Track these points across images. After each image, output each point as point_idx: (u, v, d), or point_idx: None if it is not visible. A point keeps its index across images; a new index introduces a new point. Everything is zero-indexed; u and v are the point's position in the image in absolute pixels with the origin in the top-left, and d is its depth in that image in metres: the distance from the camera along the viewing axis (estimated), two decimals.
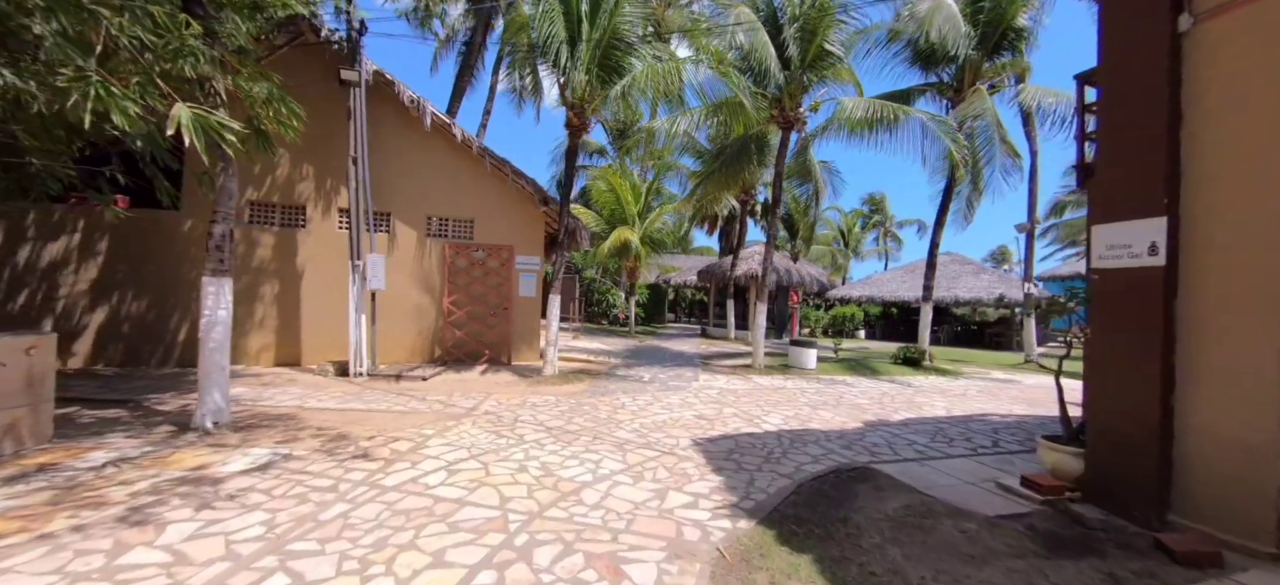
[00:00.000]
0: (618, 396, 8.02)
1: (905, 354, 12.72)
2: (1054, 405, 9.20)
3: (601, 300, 23.51)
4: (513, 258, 10.83)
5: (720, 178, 12.50)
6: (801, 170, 13.06)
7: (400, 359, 10.07)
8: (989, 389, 10.55)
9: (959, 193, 13.58)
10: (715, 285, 21.58)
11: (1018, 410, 8.52)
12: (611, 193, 18.55)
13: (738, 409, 7.55)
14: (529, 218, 10.99)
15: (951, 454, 5.75)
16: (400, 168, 10.17)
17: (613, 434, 5.90)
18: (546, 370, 9.28)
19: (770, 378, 10.50)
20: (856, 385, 10.20)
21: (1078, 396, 4.86)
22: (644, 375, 10.16)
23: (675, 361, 12.43)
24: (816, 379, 10.65)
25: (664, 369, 11.12)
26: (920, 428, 6.91)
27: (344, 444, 5.07)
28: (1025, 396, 9.91)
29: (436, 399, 7.30)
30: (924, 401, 8.86)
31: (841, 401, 8.50)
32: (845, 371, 11.79)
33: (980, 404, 8.90)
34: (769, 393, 8.95)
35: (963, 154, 10.64)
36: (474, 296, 10.58)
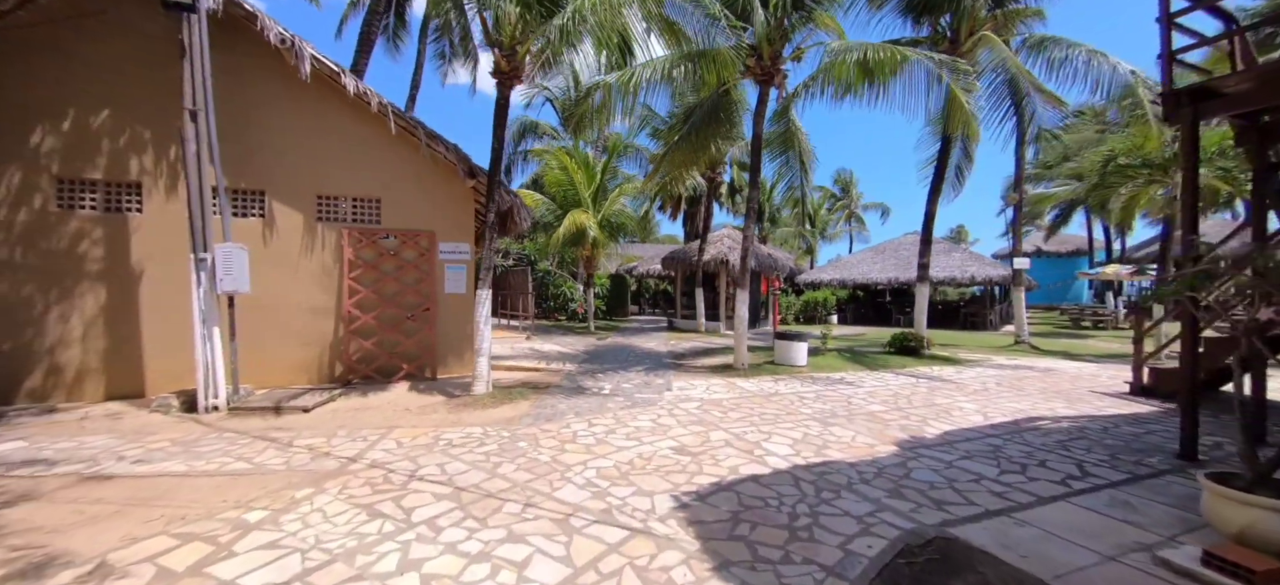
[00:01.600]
0: (568, 422, 6.01)
1: (902, 341, 11.22)
2: (1099, 399, 7.87)
3: (557, 294, 21.33)
4: (434, 246, 8.62)
5: (687, 147, 10.61)
6: (782, 139, 11.29)
7: (285, 381, 7.74)
8: (1005, 380, 9.09)
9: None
10: (681, 273, 19.78)
11: (1059, 408, 7.00)
12: (563, 174, 16.38)
13: (728, 431, 5.68)
14: (454, 196, 8.78)
15: (1041, 494, 4.03)
16: (278, 132, 7.79)
17: (554, 495, 3.91)
18: (477, 387, 7.17)
19: (758, 380, 8.70)
20: (859, 383, 8.54)
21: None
22: (604, 385, 8.18)
23: (642, 363, 10.50)
24: (811, 378, 8.94)
25: (629, 374, 9.17)
26: (970, 448, 5.21)
27: (48, 576, 2.88)
28: (1051, 387, 8.48)
29: (308, 443, 5.11)
30: (947, 403, 7.24)
31: (853, 410, 6.76)
32: (840, 365, 10.15)
33: (1011, 402, 7.36)
34: (761, 402, 7.14)
35: (990, 102, 9.08)
36: (385, 296, 8.32)
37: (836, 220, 39.79)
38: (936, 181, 11.48)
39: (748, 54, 9.36)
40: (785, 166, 11.82)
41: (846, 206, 40.02)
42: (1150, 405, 7.21)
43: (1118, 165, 13.35)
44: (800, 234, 33.65)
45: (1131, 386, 7.98)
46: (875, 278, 24.74)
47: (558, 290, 21.24)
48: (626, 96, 9.25)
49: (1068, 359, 12.07)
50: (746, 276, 9.56)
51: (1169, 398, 7.54)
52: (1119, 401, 7.47)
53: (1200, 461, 4.88)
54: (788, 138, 11.24)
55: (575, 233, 15.84)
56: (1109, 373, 9.94)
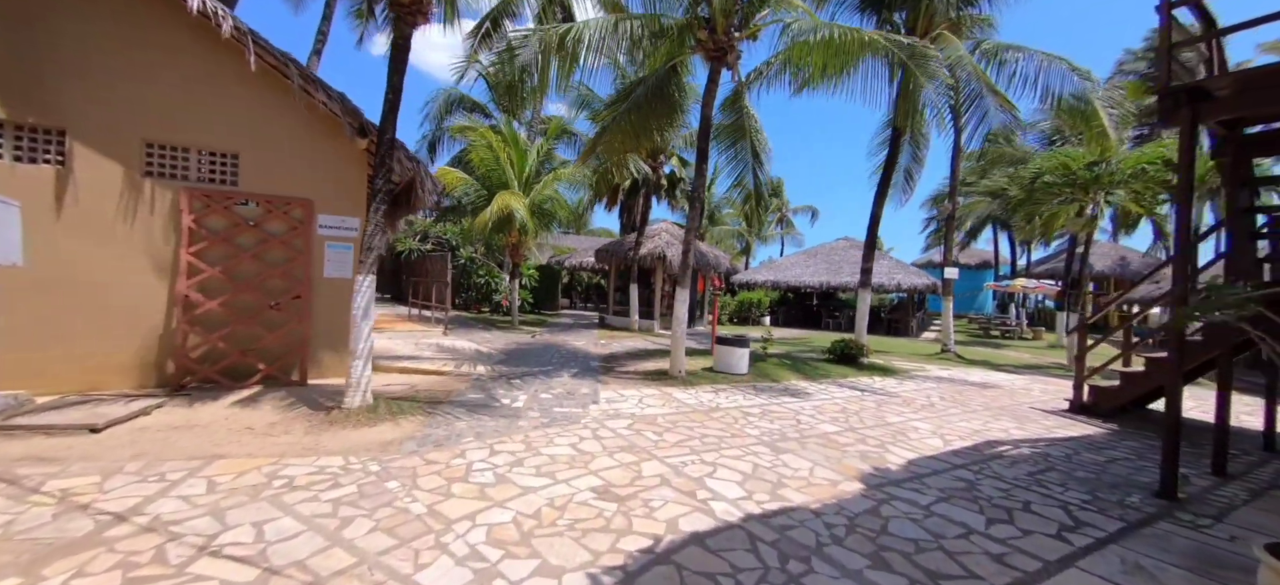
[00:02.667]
0: (464, 448, 4.73)
1: (842, 348, 10.75)
2: (1044, 418, 7.27)
3: (480, 284, 19.56)
4: (312, 218, 6.98)
5: (627, 126, 9.49)
6: (732, 129, 10.43)
7: (93, 384, 5.85)
8: (947, 394, 8.73)
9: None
10: (615, 267, 18.70)
11: (1011, 429, 6.56)
12: (491, 153, 14.73)
13: (665, 462, 4.64)
14: (341, 158, 7.16)
15: (1043, 555, 3.29)
16: (88, 50, 5.87)
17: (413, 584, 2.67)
18: (350, 399, 5.67)
19: (697, 391, 7.76)
20: (805, 395, 7.80)
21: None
22: (519, 395, 6.91)
23: (567, 367, 9.30)
24: (754, 389, 8.11)
25: (551, 380, 7.94)
26: (942, 484, 4.48)
27: None
28: (993, 403, 8.16)
29: (65, 485, 3.52)
30: (900, 422, 6.62)
31: (804, 431, 5.94)
32: (782, 373, 9.44)
33: (962, 421, 6.87)
34: (702, 419, 6.17)
35: (942, 98, 8.59)
36: (241, 278, 6.59)
37: (769, 223, 40.21)
38: (883, 184, 11.10)
39: (700, 26, 8.39)
40: (734, 159, 10.97)
41: (778, 210, 40.59)
42: (1095, 426, 6.96)
43: (1044, 183, 13.69)
44: (739, 234, 33.57)
45: (1071, 404, 7.78)
46: (807, 281, 24.85)
47: (481, 280, 19.47)
48: (564, 61, 8.01)
49: (993, 370, 12.16)
50: (687, 274, 8.61)
51: (1108, 416, 7.37)
52: (1063, 421, 7.18)
53: (1179, 500, 4.42)
54: (739, 128, 10.39)
55: (502, 217, 14.27)
56: (1039, 387, 9.91)
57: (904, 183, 13.38)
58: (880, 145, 13.03)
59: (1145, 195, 13.02)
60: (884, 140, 12.90)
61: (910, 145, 12.62)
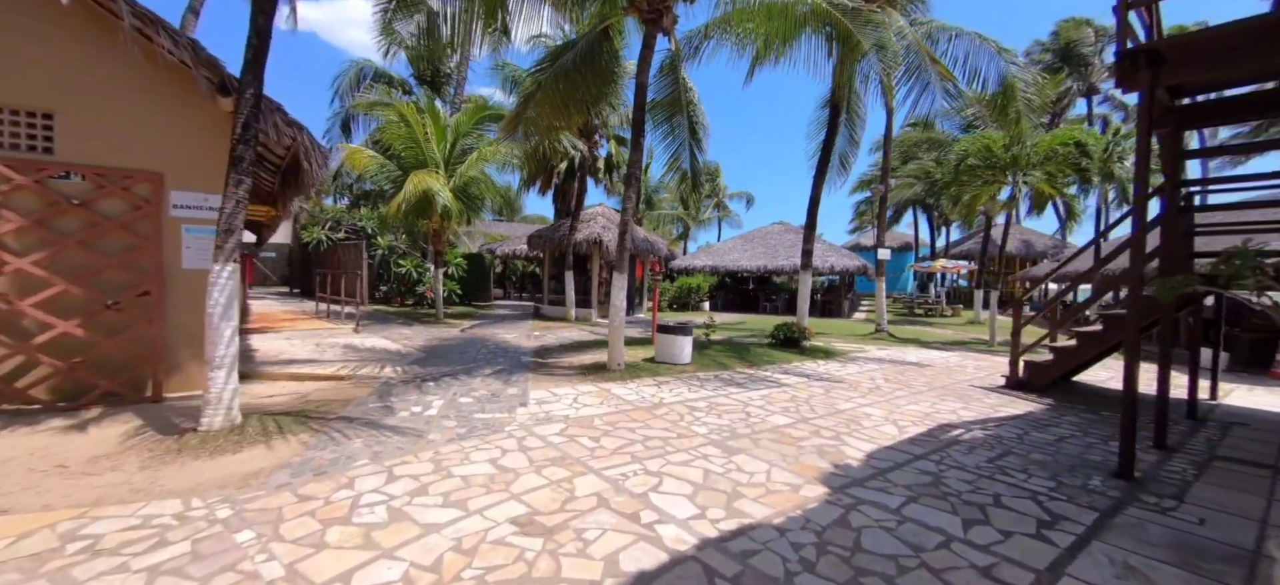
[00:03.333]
0: (353, 474, 3.83)
1: (785, 333, 10.50)
2: (985, 396, 7.08)
3: (402, 275, 17.95)
4: (162, 196, 5.68)
5: (555, 95, 8.61)
6: (669, 103, 9.79)
7: None
8: (890, 376, 8.62)
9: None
10: (550, 254, 17.74)
11: (959, 411, 6.42)
12: (406, 128, 13.27)
13: (602, 476, 3.96)
14: (200, 122, 5.86)
15: (1031, 562, 2.91)
16: None
17: None
18: (210, 418, 4.56)
19: (638, 384, 7.13)
20: (753, 386, 7.37)
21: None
22: (433, 401, 5.98)
23: (495, 363, 8.40)
24: (698, 380, 7.59)
25: (472, 382, 7.04)
26: (907, 481, 4.09)
27: None
28: (935, 382, 8.11)
29: None
30: (851, 409, 6.30)
31: (755, 425, 5.45)
32: (726, 360, 9.00)
33: (910, 404, 6.66)
34: (645, 418, 5.54)
35: (880, 70, 8.32)
36: (66, 270, 5.22)
37: (707, 208, 40.34)
38: (822, 164, 10.90)
39: None
40: (670, 136, 10.37)
41: (714, 195, 40.81)
42: (1033, 401, 6.98)
43: (968, 165, 14.12)
44: (677, 218, 33.30)
45: (1008, 380, 7.84)
46: (745, 265, 24.95)
47: (402, 270, 17.87)
48: (486, 10, 7.04)
49: (925, 348, 12.42)
50: (624, 258, 7.93)
51: (1042, 391, 7.45)
52: (1003, 398, 7.17)
53: (1136, 479, 4.27)
54: (675, 101, 9.79)
55: (421, 199, 12.93)
56: (972, 364, 10.10)
57: (840, 166, 13.34)
58: (818, 128, 12.89)
59: (1057, 177, 13.72)
60: (822, 123, 12.76)
61: (846, 128, 12.53)
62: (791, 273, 23.74)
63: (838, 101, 10.59)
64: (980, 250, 22.74)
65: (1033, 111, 9.51)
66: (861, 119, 12.78)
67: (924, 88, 8.46)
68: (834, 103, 10.71)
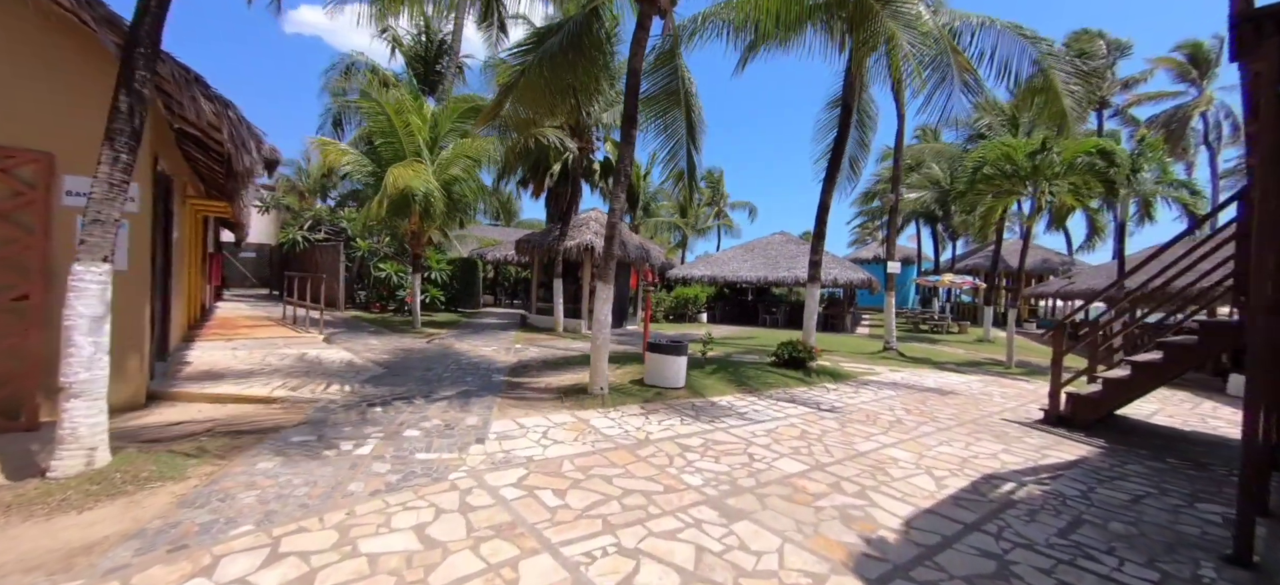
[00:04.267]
0: (218, 552, 2.81)
1: (790, 352, 9.49)
2: (1024, 434, 5.88)
3: (384, 280, 16.93)
4: (52, 181, 4.70)
5: (540, 82, 7.69)
6: (665, 93, 8.86)
7: None
8: (909, 404, 7.62)
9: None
10: (539, 260, 16.75)
11: (999, 453, 5.42)
12: (384, 118, 12.29)
13: (558, 557, 2.95)
14: (101, 96, 4.86)
15: None
16: None
17: None
18: (62, 462, 3.54)
19: (621, 414, 6.11)
20: (755, 416, 6.36)
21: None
22: (370, 434, 4.97)
23: (461, 382, 7.40)
24: (693, 408, 6.58)
25: (429, 405, 6.03)
26: (963, 563, 3.09)
27: None
28: (962, 415, 7.10)
29: None
30: (873, 450, 5.30)
31: (761, 476, 4.44)
32: (724, 386, 7.98)
33: (941, 444, 5.66)
34: (626, 462, 4.54)
35: (917, 53, 7.35)
36: None
37: (707, 216, 39.49)
38: (832, 167, 9.94)
39: None
40: (666, 131, 9.42)
41: (715, 203, 39.93)
42: (1082, 442, 5.98)
43: (985, 174, 13.21)
44: (674, 225, 32.38)
45: (1047, 414, 6.85)
46: (744, 276, 23.99)
47: (383, 274, 16.85)
48: None
49: (939, 370, 11.43)
50: (611, 266, 6.95)
51: (1090, 428, 6.46)
52: (1046, 437, 6.17)
53: (1255, 565, 3.28)
54: (673, 93, 8.85)
55: (400, 197, 11.96)
56: (997, 390, 9.10)
57: (850, 170, 12.42)
58: (825, 128, 11.98)
59: (1083, 188, 12.81)
60: (830, 123, 11.85)
61: (856, 129, 11.62)
62: (793, 284, 22.79)
63: (849, 98, 9.65)
64: (990, 265, 21.87)
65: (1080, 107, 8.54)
66: (871, 120, 11.89)
67: (942, 79, 7.50)
68: (845, 100, 9.78)
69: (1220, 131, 28.94)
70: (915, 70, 7.22)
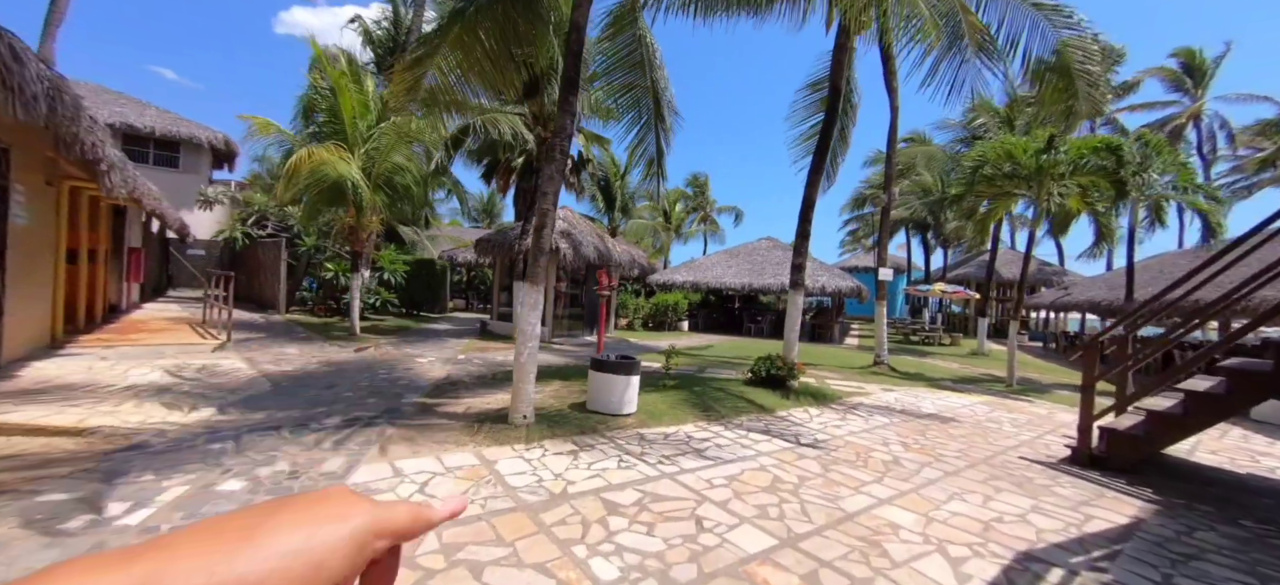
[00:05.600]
0: None
1: (768, 369, 8.18)
2: (1053, 480, 4.10)
3: (331, 281, 15.42)
4: None
5: (474, 43, 6.37)
6: (626, 60, 7.58)
7: None
8: (907, 435, 6.34)
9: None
10: (501, 262, 15.37)
11: (1027, 512, 4.13)
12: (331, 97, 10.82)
13: None
14: None
15: None
16: None
17: None
18: None
19: (540, 454, 4.75)
20: (717, 457, 5.01)
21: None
22: (172, 484, 3.57)
23: (359, 404, 6.01)
24: (639, 443, 5.24)
25: (287, 445, 4.64)
26: None
27: None
28: (972, 453, 5.82)
29: None
30: (866, 509, 3.99)
31: (707, 552, 3.11)
32: (683, 411, 6.64)
33: (949, 496, 4.37)
34: (518, 537, 3.19)
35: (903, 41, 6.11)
36: None
37: (691, 220, 38.26)
38: (819, 158, 8.67)
39: None
40: (633, 108, 8.13)
41: (701, 207, 38.71)
42: (1126, 493, 4.72)
43: (984, 175, 12.07)
44: (656, 229, 31.11)
45: (1075, 452, 5.60)
46: (728, 282, 22.75)
47: (328, 275, 15.35)
48: None
49: (936, 388, 10.20)
50: (541, 263, 5.61)
51: (1130, 472, 5.22)
52: (1082, 485, 4.91)
53: None
54: (636, 64, 7.57)
55: (332, 185, 10.54)
56: (1006, 417, 7.85)
57: (828, 168, 11.23)
58: (805, 112, 10.78)
59: (1089, 190, 11.70)
60: (812, 106, 10.65)
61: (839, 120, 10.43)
62: (779, 292, 21.60)
63: (837, 78, 8.41)
64: (985, 274, 20.83)
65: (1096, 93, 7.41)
66: (853, 108, 10.69)
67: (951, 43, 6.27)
68: (832, 81, 8.54)
69: (1215, 142, 28.29)
70: (929, 22, 5.94)
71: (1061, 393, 10.94)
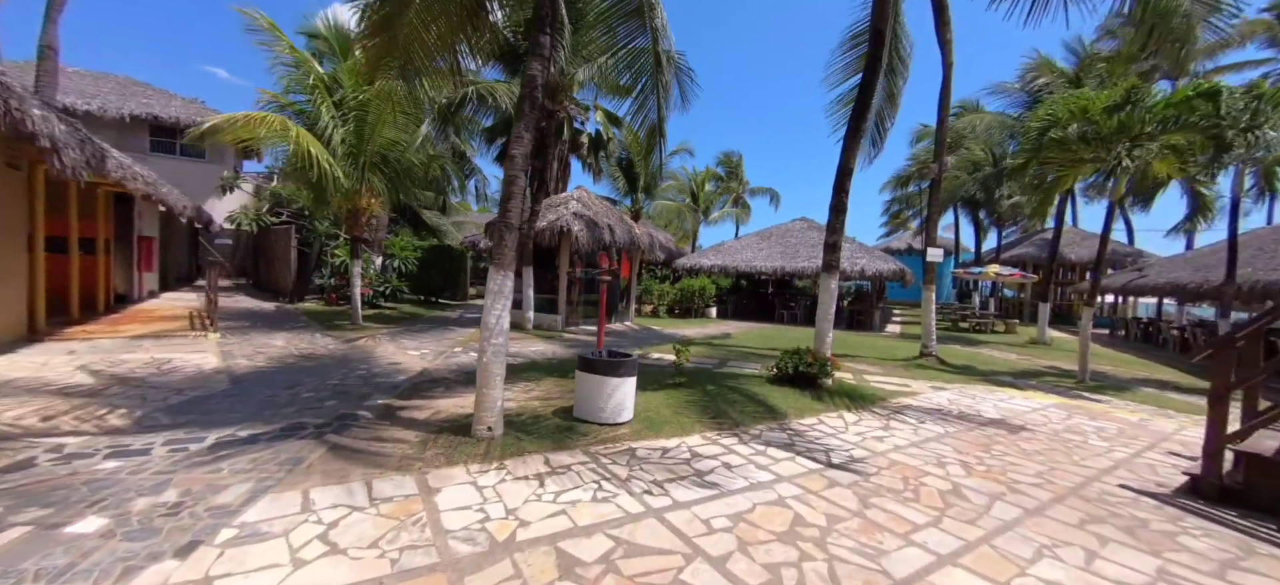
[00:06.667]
0: None
1: (796, 365, 7.03)
2: (1173, 522, 3.26)
3: (340, 267, 14.97)
4: None
5: None
6: (622, 8, 6.49)
7: None
8: (966, 451, 5.13)
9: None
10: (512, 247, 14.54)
11: (1146, 571, 2.95)
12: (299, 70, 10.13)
13: None
14: None
15: None
16: None
17: None
18: None
19: (497, 479, 3.82)
20: (723, 485, 3.97)
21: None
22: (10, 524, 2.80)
23: (312, 407, 5.26)
24: (627, 465, 4.24)
25: (191, 460, 3.86)
26: None
27: None
28: (1053, 477, 4.58)
29: None
30: (917, 579, 2.89)
31: None
32: (689, 419, 5.59)
33: (1037, 554, 3.21)
34: None
35: None
36: None
37: (723, 202, 36.64)
38: (857, 118, 7.35)
39: None
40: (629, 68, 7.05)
41: (733, 190, 37.02)
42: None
43: (1053, 139, 10.42)
44: (682, 210, 29.84)
45: (1198, 480, 4.30)
46: (759, 266, 21.43)
47: (338, 261, 14.90)
48: None
49: (994, 386, 8.80)
50: (508, 242, 4.63)
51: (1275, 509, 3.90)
52: (1220, 533, 3.64)
53: None
54: (633, 6, 6.46)
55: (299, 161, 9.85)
56: (1089, 425, 6.48)
57: (874, 132, 9.84)
58: (843, 72, 9.41)
59: (1183, 152, 9.91)
60: (849, 66, 9.29)
61: (885, 75, 9.03)
62: (814, 275, 20.13)
63: (880, 22, 7.07)
64: (1046, 254, 18.81)
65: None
66: (902, 62, 9.26)
67: None
68: (874, 25, 7.20)
69: None
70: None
71: (1144, 391, 9.38)
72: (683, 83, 8.26)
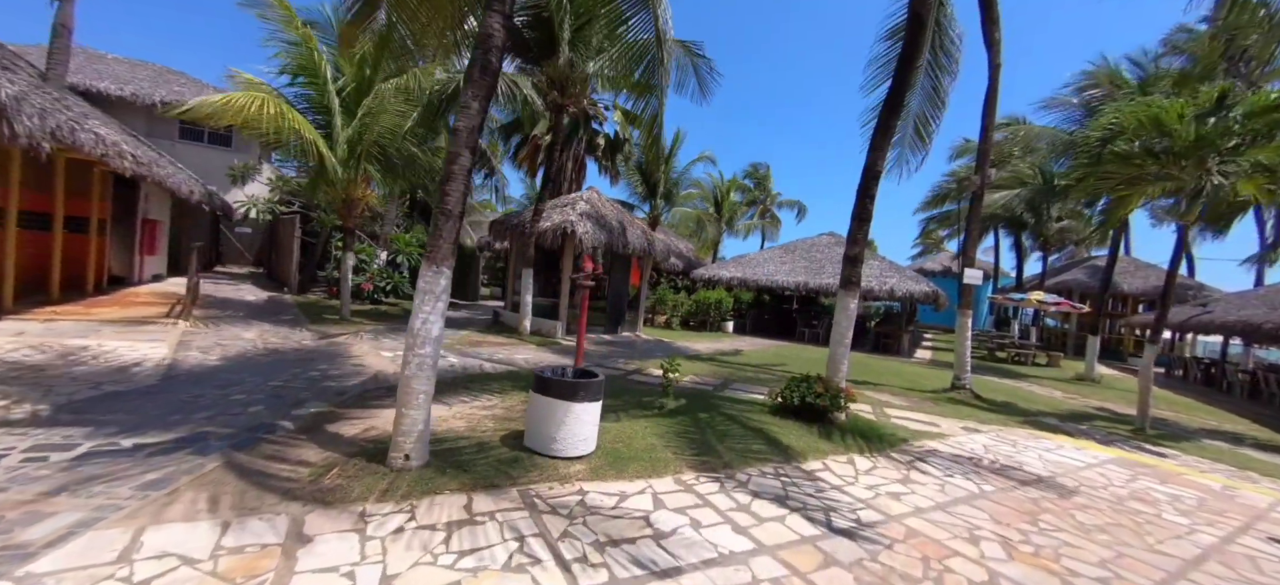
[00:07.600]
0: None
1: (803, 396, 6.07)
2: None
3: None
4: None
5: None
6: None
7: None
8: (1009, 519, 4.12)
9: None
10: (514, 246, 13.95)
11: None
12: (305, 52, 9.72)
13: None
14: None
15: None
16: None
17: None
18: None
19: (385, 537, 3.02)
20: (681, 556, 3.08)
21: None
22: None
23: (225, 413, 4.62)
24: (562, 526, 3.39)
25: (29, 479, 3.19)
26: None
27: None
28: (1118, 561, 3.55)
29: None
30: None
31: None
32: (668, 454, 4.70)
33: None
34: None
35: None
36: None
37: (751, 213, 35.50)
38: (889, 112, 6.36)
39: None
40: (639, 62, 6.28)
41: (760, 201, 35.85)
42: None
43: (1116, 151, 9.20)
44: (703, 219, 28.89)
45: None
46: (781, 281, 20.31)
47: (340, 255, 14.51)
48: None
49: (1038, 429, 7.63)
50: (443, 232, 3.82)
51: None
52: None
53: None
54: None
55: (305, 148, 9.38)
56: (1162, 492, 5.32)
57: (915, 134, 8.81)
58: (882, 75, 8.44)
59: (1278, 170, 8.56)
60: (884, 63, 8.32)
61: (929, 71, 8.02)
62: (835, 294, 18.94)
63: (920, 5, 6.12)
64: (1099, 283, 17.21)
65: None
66: (950, 58, 8.23)
67: None
68: (914, 10, 6.24)
69: None
70: None
71: (1215, 444, 8.08)
72: (701, 71, 7.42)
